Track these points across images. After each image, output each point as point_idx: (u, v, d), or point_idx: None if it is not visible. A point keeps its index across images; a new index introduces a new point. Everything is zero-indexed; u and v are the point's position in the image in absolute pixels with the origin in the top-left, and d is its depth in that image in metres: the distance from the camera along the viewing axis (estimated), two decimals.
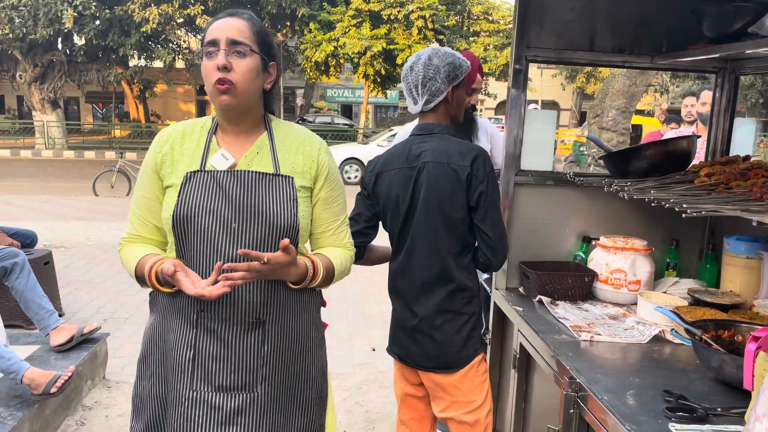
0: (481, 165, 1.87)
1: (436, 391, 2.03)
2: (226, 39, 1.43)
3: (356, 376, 3.78)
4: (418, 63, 1.94)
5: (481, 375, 2.00)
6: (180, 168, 1.50)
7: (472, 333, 1.97)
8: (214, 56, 1.43)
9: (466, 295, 1.95)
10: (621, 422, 1.36)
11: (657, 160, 2.12)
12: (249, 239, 1.45)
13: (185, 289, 1.36)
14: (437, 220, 1.91)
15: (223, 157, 1.50)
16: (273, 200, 1.47)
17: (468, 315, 1.96)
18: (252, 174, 1.49)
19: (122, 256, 1.57)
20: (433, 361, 1.97)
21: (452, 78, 1.94)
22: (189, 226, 1.45)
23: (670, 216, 2.25)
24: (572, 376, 1.61)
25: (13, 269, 3.36)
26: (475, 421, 1.99)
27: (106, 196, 10.96)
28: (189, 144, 1.53)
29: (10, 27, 17.81)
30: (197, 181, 1.47)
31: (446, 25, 21.15)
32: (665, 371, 1.67)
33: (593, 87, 24.56)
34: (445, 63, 1.92)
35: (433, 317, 1.94)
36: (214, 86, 1.44)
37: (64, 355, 3.32)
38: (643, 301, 2.07)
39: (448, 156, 1.89)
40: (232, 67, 1.43)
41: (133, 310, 4.88)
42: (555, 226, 2.42)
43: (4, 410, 2.70)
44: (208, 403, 1.46)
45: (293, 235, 1.49)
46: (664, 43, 2.33)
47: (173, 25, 20.48)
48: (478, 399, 1.99)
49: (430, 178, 1.89)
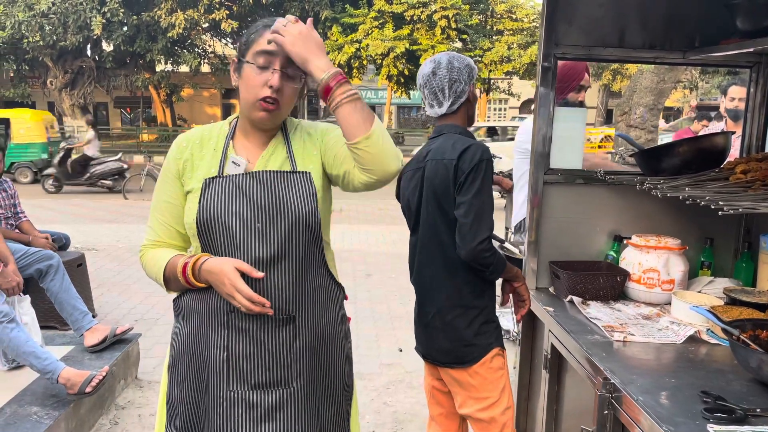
0: (468, 157, 1.88)
1: (453, 386, 2.06)
2: (284, 59, 1.43)
3: (384, 377, 3.78)
4: (441, 68, 2.00)
5: (495, 371, 1.99)
6: (199, 174, 1.52)
7: (484, 327, 1.97)
8: (267, 72, 1.43)
9: (475, 288, 1.96)
10: (658, 423, 1.34)
11: (690, 157, 2.08)
12: (274, 237, 1.46)
13: (242, 286, 1.38)
14: (437, 215, 1.96)
15: (234, 164, 1.51)
16: (293, 197, 1.49)
17: (479, 308, 1.97)
18: (270, 173, 1.50)
19: (145, 260, 1.58)
20: (448, 356, 2.01)
21: (471, 78, 2.03)
22: (213, 230, 1.46)
23: (704, 214, 2.21)
24: (606, 376, 1.58)
25: (48, 271, 3.44)
26: (491, 418, 1.99)
27: (135, 199, 11.16)
28: (207, 150, 1.55)
29: (41, 34, 18.22)
30: (216, 186, 1.48)
31: (469, 25, 21.05)
32: (701, 372, 1.63)
33: (619, 84, 24.19)
34: (464, 65, 2.02)
35: (445, 312, 1.98)
36: (259, 101, 1.44)
37: (98, 355, 3.38)
38: (677, 301, 2.03)
39: (443, 152, 1.94)
40: (282, 89, 1.44)
41: (164, 312, 4.95)
42: (585, 225, 2.39)
43: (40, 409, 2.76)
44: (245, 402, 1.48)
45: (316, 229, 1.50)
46: (697, 38, 2.28)
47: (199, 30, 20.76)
48: (492, 395, 1.98)
49: (429, 176, 1.97)
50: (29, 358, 2.83)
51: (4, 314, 2.86)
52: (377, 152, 1.38)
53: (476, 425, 2.04)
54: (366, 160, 1.39)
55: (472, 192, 1.86)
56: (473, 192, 1.86)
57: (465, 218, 1.87)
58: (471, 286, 1.96)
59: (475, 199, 1.86)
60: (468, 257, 1.88)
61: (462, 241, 1.88)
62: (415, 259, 2.10)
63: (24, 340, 2.84)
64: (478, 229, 1.85)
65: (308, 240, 1.50)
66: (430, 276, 2.02)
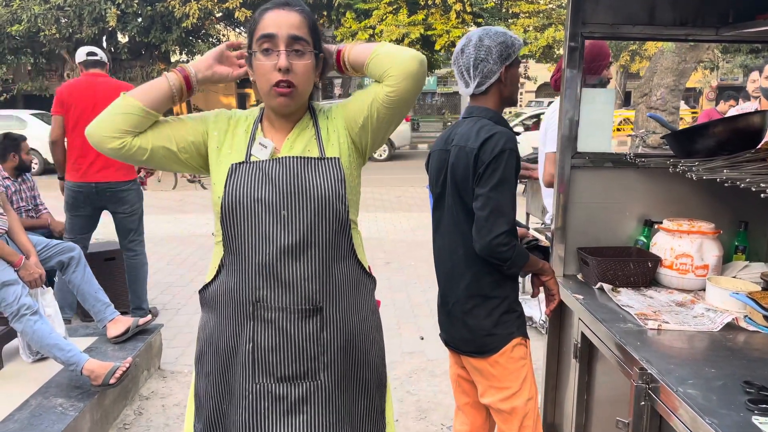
0: (490, 147, 1.79)
1: (474, 375, 2.02)
2: (286, 36, 1.38)
3: (406, 365, 3.76)
4: (469, 45, 1.90)
5: (516, 361, 1.94)
6: (225, 152, 1.49)
7: (504, 317, 1.92)
8: (272, 54, 1.39)
9: (495, 279, 1.90)
10: (701, 416, 1.29)
11: (725, 137, 2.00)
12: (299, 225, 1.42)
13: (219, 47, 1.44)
14: (458, 204, 1.91)
15: (262, 146, 1.47)
16: (320, 184, 1.44)
17: (499, 298, 1.91)
18: (297, 159, 1.46)
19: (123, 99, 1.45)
20: (468, 345, 1.97)
21: (505, 57, 1.89)
22: (237, 216, 1.43)
23: (738, 197, 2.14)
24: (643, 366, 1.53)
25: (70, 263, 3.44)
26: (512, 408, 1.94)
27: (153, 190, 11.18)
28: (240, 129, 1.52)
29: (57, 27, 18.31)
30: (242, 171, 1.45)
31: (485, 8, 20.76)
32: (742, 361, 1.57)
33: (638, 65, 23.78)
34: (497, 43, 1.88)
35: (464, 301, 1.93)
36: (273, 88, 1.40)
37: (121, 346, 3.39)
38: (712, 287, 1.96)
39: (467, 139, 1.86)
40: (292, 68, 1.39)
41: (185, 301, 4.97)
42: (614, 209, 2.33)
43: (65, 401, 2.77)
44: (272, 394, 1.45)
45: (344, 217, 1.46)
46: (731, 13, 2.19)
47: (212, 20, 20.72)
48: (513, 386, 1.94)
49: (453, 162, 1.90)
50: (53, 350, 2.83)
51: (27, 306, 2.86)
52: (391, 50, 1.43)
53: (498, 415, 2.00)
54: (384, 63, 1.42)
55: (491, 184, 1.79)
56: (492, 184, 1.79)
57: (481, 211, 1.80)
58: (491, 276, 1.90)
59: (493, 191, 1.79)
60: (483, 252, 1.82)
61: (477, 234, 1.82)
62: (435, 245, 2.07)
63: (47, 332, 2.85)
64: (495, 223, 1.78)
65: (335, 228, 1.46)
66: (451, 264, 1.97)
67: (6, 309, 2.86)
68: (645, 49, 23.08)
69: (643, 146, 9.46)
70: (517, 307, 1.97)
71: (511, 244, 1.81)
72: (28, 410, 2.69)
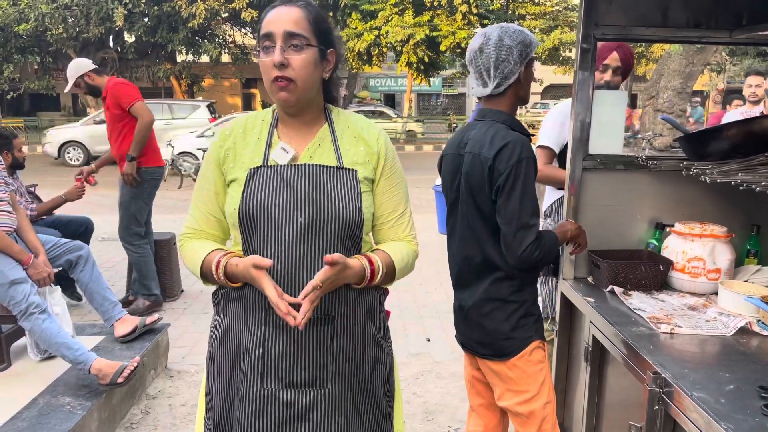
0: (505, 157, 1.77)
1: (491, 377, 2.01)
2: (282, 32, 1.38)
3: (412, 367, 3.75)
4: (488, 44, 1.84)
5: (535, 364, 1.93)
6: (242, 162, 1.48)
7: (522, 321, 1.91)
8: (271, 52, 1.39)
9: (515, 284, 1.89)
10: (716, 420, 1.28)
11: (739, 140, 1.98)
12: (316, 234, 1.42)
13: (270, 293, 1.34)
14: (473, 211, 1.89)
15: (283, 150, 1.47)
16: (338, 194, 1.44)
17: (518, 303, 1.90)
18: (316, 167, 1.46)
19: (185, 252, 1.55)
20: (487, 348, 1.95)
21: (524, 57, 1.85)
22: (255, 221, 1.42)
23: (750, 200, 2.12)
24: (656, 370, 1.52)
25: (78, 262, 3.45)
26: (530, 412, 1.93)
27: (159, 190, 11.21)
28: (251, 138, 1.51)
29: (64, 27, 18.38)
30: (261, 176, 1.44)
31: (491, 10, 20.75)
32: (757, 365, 1.56)
33: (644, 68, 23.72)
34: (517, 42, 1.83)
35: (481, 305, 1.92)
36: (273, 83, 1.41)
37: (128, 345, 3.39)
38: (724, 291, 1.95)
39: (481, 146, 1.83)
40: (289, 63, 1.39)
41: (191, 301, 4.97)
42: (625, 212, 2.31)
43: (73, 400, 2.78)
44: (279, 400, 1.44)
45: (358, 230, 1.46)
46: (745, 15, 2.18)
47: (219, 20, 20.77)
48: (531, 389, 1.92)
49: (467, 170, 1.88)
50: (61, 349, 2.84)
51: (36, 305, 2.87)
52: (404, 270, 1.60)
53: (515, 419, 1.99)
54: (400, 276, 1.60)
55: (513, 197, 1.77)
56: (514, 198, 1.77)
57: (507, 227, 1.80)
58: (509, 281, 1.89)
59: (515, 204, 1.77)
60: (517, 265, 1.84)
61: (507, 251, 1.82)
62: (450, 249, 2.05)
63: (56, 331, 2.85)
64: (523, 238, 1.78)
65: (349, 240, 1.46)
66: (468, 270, 1.96)
67: (15, 307, 2.87)
68: (651, 51, 23.04)
69: (650, 149, 9.42)
70: (535, 310, 1.96)
71: (540, 246, 1.81)
72: (36, 409, 2.69)
